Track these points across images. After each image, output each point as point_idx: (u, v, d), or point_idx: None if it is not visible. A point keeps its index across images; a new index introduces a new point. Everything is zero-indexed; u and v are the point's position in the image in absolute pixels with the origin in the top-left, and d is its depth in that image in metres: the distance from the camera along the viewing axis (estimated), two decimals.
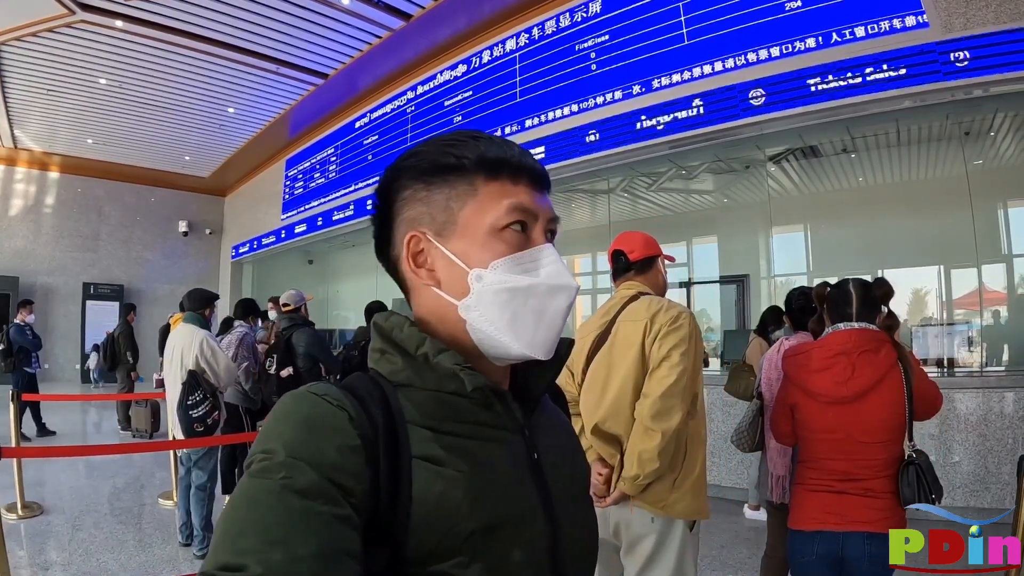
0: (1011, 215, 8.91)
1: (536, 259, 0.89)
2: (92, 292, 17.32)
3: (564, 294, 0.89)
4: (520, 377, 0.99)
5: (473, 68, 9.70)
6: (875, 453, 2.45)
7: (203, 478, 4.98)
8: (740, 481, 6.29)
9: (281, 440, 0.74)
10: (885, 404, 2.44)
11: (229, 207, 19.55)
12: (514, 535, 0.84)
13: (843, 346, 2.51)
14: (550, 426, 1.04)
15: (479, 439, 0.87)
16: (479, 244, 0.89)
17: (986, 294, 8.88)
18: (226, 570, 0.64)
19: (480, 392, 0.86)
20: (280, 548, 0.65)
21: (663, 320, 2.49)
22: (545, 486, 0.92)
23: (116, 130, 14.61)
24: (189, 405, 4.84)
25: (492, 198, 0.89)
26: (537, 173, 0.94)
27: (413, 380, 0.88)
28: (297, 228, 14.32)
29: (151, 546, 5.16)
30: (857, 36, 6.00)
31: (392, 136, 11.40)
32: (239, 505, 0.70)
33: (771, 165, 9.07)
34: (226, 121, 14.06)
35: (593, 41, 7.95)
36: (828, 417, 2.50)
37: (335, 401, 0.80)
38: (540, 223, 0.92)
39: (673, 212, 11.73)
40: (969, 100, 5.89)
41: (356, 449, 0.76)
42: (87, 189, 17.57)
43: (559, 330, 0.91)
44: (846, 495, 2.45)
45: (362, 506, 0.74)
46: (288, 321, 6.18)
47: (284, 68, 11.34)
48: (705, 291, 12.03)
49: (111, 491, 6.84)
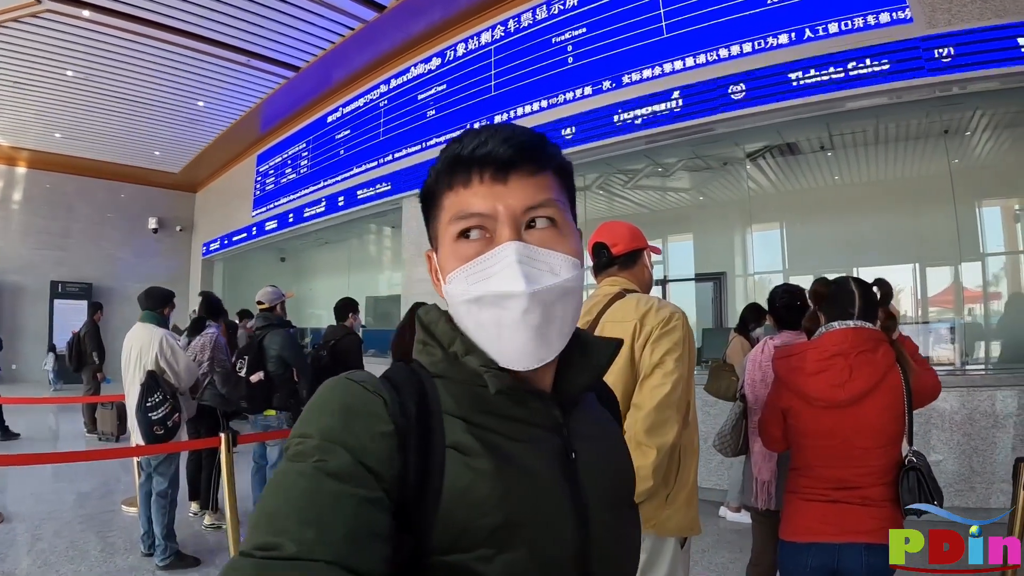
0: (986, 214, 8.97)
1: (487, 266, 0.86)
2: (61, 291, 16.95)
3: (512, 301, 0.83)
4: (560, 376, 0.96)
5: (448, 61, 9.56)
6: (873, 459, 2.34)
7: (163, 484, 4.78)
8: (720, 482, 6.18)
9: (317, 425, 0.77)
10: (884, 407, 2.34)
11: (200, 203, 19.26)
12: (540, 535, 0.83)
13: (839, 346, 2.40)
14: (593, 429, 1.02)
15: (510, 434, 0.87)
16: (445, 257, 0.90)
17: (964, 292, 8.95)
18: (262, 549, 0.66)
19: (509, 390, 0.86)
20: (313, 528, 0.68)
21: (654, 322, 2.26)
22: (579, 488, 0.90)
23: (85, 124, 14.29)
24: (148, 407, 4.66)
25: (448, 210, 0.90)
26: (497, 162, 0.87)
27: (449, 372, 0.89)
28: (268, 225, 14.15)
29: (113, 556, 4.98)
30: (841, 30, 5.93)
31: (364, 131, 11.25)
32: (275, 487, 0.73)
33: (748, 163, 9.06)
34: (196, 115, 13.79)
35: (570, 34, 7.83)
36: (824, 422, 2.39)
37: (371, 388, 0.82)
38: (504, 219, 0.86)
39: (649, 209, 11.75)
40: (951, 97, 5.85)
41: (389, 435, 0.78)
42: (56, 185, 17.22)
43: (529, 339, 0.85)
44: (842, 504, 2.34)
45: (392, 491, 0.76)
46: (262, 320, 5.86)
47: (255, 60, 11.11)
48: (681, 289, 11.98)
49: (75, 497, 6.65)
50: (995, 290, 8.99)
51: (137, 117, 13.89)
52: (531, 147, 0.89)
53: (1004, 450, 5.34)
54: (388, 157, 10.48)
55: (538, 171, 0.90)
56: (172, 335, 5.07)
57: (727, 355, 5.68)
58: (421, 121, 9.88)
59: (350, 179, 11.44)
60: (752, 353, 3.50)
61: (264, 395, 5.56)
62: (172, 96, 12.76)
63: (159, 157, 16.63)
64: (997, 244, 8.92)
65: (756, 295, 9.81)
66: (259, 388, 5.55)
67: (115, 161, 16.86)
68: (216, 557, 4.97)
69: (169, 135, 15.05)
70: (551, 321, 0.86)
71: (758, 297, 9.62)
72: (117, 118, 13.94)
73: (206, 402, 5.81)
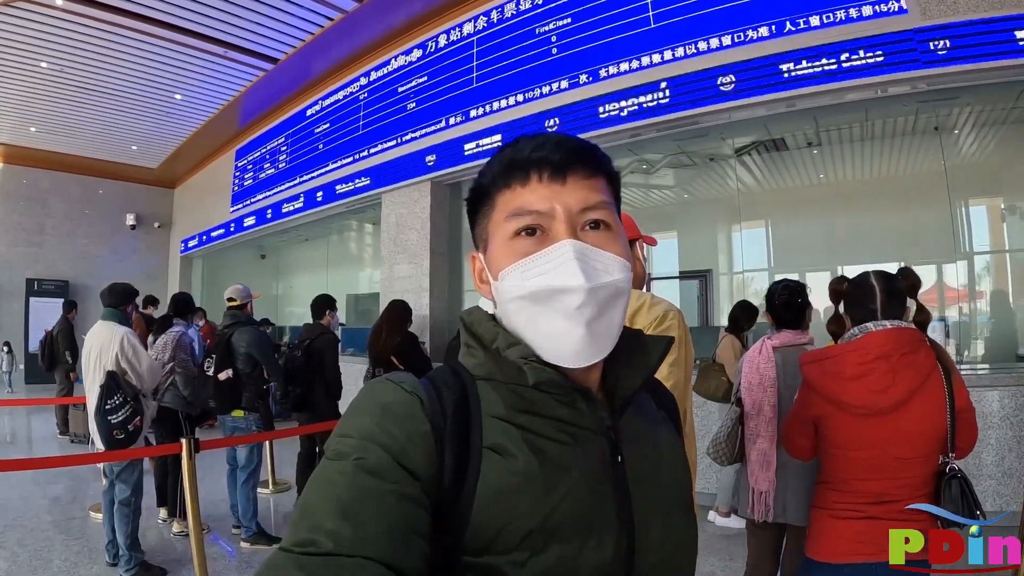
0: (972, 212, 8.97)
1: (544, 261, 0.87)
2: (36, 288, 16.61)
3: (570, 296, 0.84)
4: (610, 376, 0.96)
5: (429, 53, 9.36)
6: (914, 470, 2.20)
7: (126, 492, 4.58)
8: (709, 485, 6.03)
9: (356, 425, 0.79)
10: (927, 413, 2.19)
11: (179, 199, 18.99)
12: (579, 541, 0.82)
13: (882, 349, 2.22)
14: (645, 432, 1.00)
15: (554, 436, 0.87)
16: (499, 255, 0.91)
17: (950, 291, 9.01)
18: (301, 546, 0.68)
19: (553, 386, 0.87)
20: (352, 524, 0.68)
21: (646, 321, 2.07)
22: (626, 493, 0.89)
23: (60, 117, 14.00)
24: (107, 410, 4.47)
25: (503, 208, 0.92)
26: (555, 163, 0.90)
27: (494, 373, 0.91)
28: (247, 221, 13.92)
29: (78, 566, 4.80)
30: (834, 21, 5.79)
31: (344, 124, 11.06)
32: (315, 485, 0.74)
33: (735, 159, 9.00)
34: (173, 108, 13.52)
35: (554, 24, 7.66)
36: (862, 431, 2.23)
37: (409, 388, 0.84)
38: (562, 217, 0.88)
39: (633, 207, 11.70)
40: (943, 91, 5.79)
41: (426, 435, 0.80)
42: (32, 180, 16.88)
43: (581, 335, 0.85)
44: (880, 520, 2.18)
45: (430, 490, 0.77)
46: (230, 318, 5.64)
47: (233, 52, 10.86)
48: (665, 287, 11.94)
49: (41, 503, 6.45)
50: (981, 288, 9.02)
51: (114, 110, 13.62)
52: (587, 151, 0.92)
53: (995, 450, 5.28)
54: (367, 151, 10.30)
55: (592, 174, 0.92)
56: (134, 334, 4.86)
57: (717, 354, 5.53)
58: (401, 114, 9.70)
59: (328, 174, 11.26)
60: (748, 354, 3.29)
61: (232, 394, 5.37)
62: (149, 89, 12.50)
63: (136, 152, 16.34)
64: (983, 243, 8.91)
65: (742, 293, 9.79)
66: (227, 387, 5.36)
67: (92, 156, 16.55)
68: (184, 567, 4.78)
69: (146, 129, 14.77)
70: (603, 319, 0.86)
71: (744, 295, 9.59)
72: (93, 111, 13.67)
73: (167, 404, 5.60)
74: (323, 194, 11.29)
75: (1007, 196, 8.76)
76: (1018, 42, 5.08)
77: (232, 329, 5.52)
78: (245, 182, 14.40)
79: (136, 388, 4.64)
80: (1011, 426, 5.26)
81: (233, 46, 10.71)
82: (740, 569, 3.51)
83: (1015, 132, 7.95)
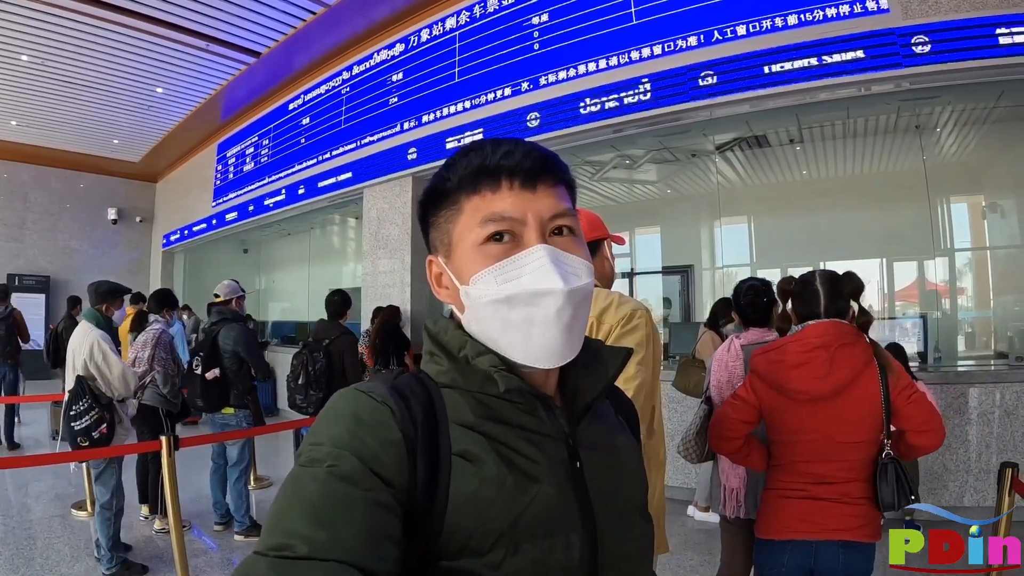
0: (953, 210, 9.10)
1: (519, 266, 0.88)
2: (17, 284, 16.27)
3: (549, 298, 0.86)
4: (570, 384, 0.99)
5: (411, 47, 9.33)
6: (853, 454, 2.33)
7: (106, 496, 4.53)
8: (687, 481, 6.07)
9: (328, 433, 0.80)
10: (863, 401, 2.33)
11: (161, 194, 18.82)
12: (547, 542, 0.84)
13: (821, 339, 2.38)
14: (603, 438, 1.02)
15: (517, 443, 0.88)
16: (467, 260, 0.91)
17: (930, 286, 9.14)
18: (275, 550, 0.69)
19: (517, 394, 0.88)
20: (326, 529, 0.70)
21: (613, 320, 2.06)
22: (586, 497, 0.92)
23: (41, 111, 13.87)
24: (72, 416, 4.40)
25: (472, 213, 0.92)
26: (526, 170, 0.92)
27: (457, 381, 0.92)
28: (228, 215, 13.84)
29: (59, 564, 4.77)
30: (815, 19, 5.82)
31: (326, 119, 11.00)
32: (288, 491, 0.76)
33: (717, 156, 9.04)
34: (155, 101, 13.42)
35: (537, 19, 7.65)
36: (805, 416, 2.36)
37: (379, 398, 0.85)
38: (533, 224, 0.90)
39: (616, 202, 11.80)
40: (926, 89, 5.83)
41: (397, 443, 0.81)
42: (13, 174, 16.69)
43: (558, 336, 0.88)
44: (821, 501, 2.32)
45: (401, 497, 0.79)
46: (216, 315, 5.58)
47: (215, 45, 10.78)
48: (648, 282, 12.05)
49: (23, 501, 6.43)
50: (961, 285, 9.15)
51: (95, 104, 13.51)
52: (553, 160, 0.95)
53: (976, 447, 5.34)
54: (350, 145, 10.26)
55: (557, 182, 0.95)
56: (107, 338, 4.78)
57: (697, 350, 5.56)
58: (383, 109, 9.67)
59: (311, 168, 11.20)
60: (717, 353, 3.30)
61: (220, 392, 5.33)
62: (130, 82, 12.40)
63: (118, 145, 16.20)
64: (964, 240, 9.04)
65: (724, 288, 9.83)
66: (215, 385, 5.31)
67: (73, 150, 16.39)
68: (165, 563, 4.77)
69: (128, 123, 14.66)
70: (577, 320, 0.89)
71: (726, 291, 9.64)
72: (74, 105, 13.55)
73: (146, 402, 5.54)
74: (305, 188, 11.24)
75: (988, 194, 8.87)
76: (998, 40, 5.13)
77: (219, 327, 5.47)
78: (228, 176, 14.31)
79: (106, 394, 4.56)
80: (988, 422, 5.33)
81: (215, 39, 10.64)
82: (719, 563, 3.55)
83: (996, 131, 8.04)
